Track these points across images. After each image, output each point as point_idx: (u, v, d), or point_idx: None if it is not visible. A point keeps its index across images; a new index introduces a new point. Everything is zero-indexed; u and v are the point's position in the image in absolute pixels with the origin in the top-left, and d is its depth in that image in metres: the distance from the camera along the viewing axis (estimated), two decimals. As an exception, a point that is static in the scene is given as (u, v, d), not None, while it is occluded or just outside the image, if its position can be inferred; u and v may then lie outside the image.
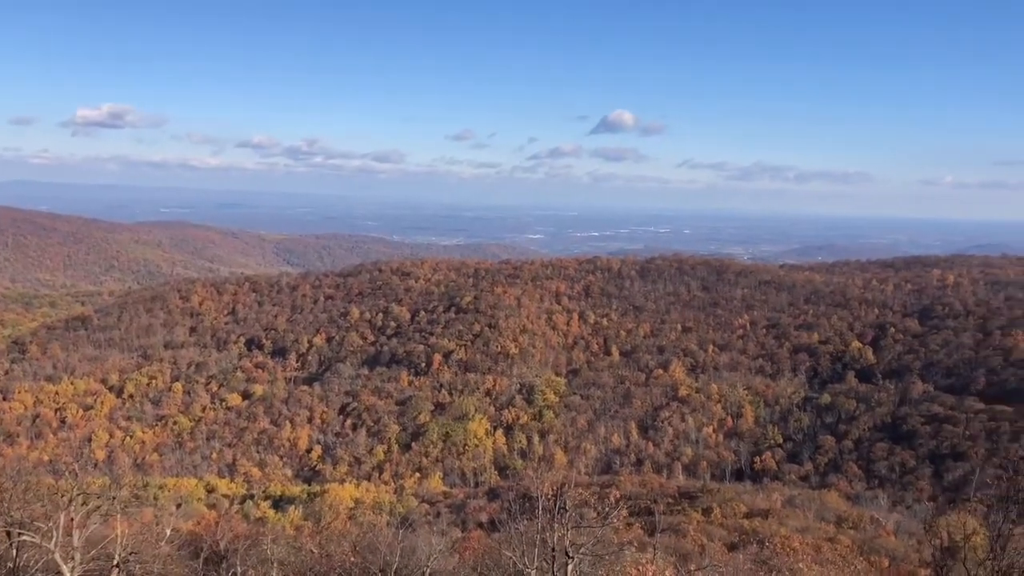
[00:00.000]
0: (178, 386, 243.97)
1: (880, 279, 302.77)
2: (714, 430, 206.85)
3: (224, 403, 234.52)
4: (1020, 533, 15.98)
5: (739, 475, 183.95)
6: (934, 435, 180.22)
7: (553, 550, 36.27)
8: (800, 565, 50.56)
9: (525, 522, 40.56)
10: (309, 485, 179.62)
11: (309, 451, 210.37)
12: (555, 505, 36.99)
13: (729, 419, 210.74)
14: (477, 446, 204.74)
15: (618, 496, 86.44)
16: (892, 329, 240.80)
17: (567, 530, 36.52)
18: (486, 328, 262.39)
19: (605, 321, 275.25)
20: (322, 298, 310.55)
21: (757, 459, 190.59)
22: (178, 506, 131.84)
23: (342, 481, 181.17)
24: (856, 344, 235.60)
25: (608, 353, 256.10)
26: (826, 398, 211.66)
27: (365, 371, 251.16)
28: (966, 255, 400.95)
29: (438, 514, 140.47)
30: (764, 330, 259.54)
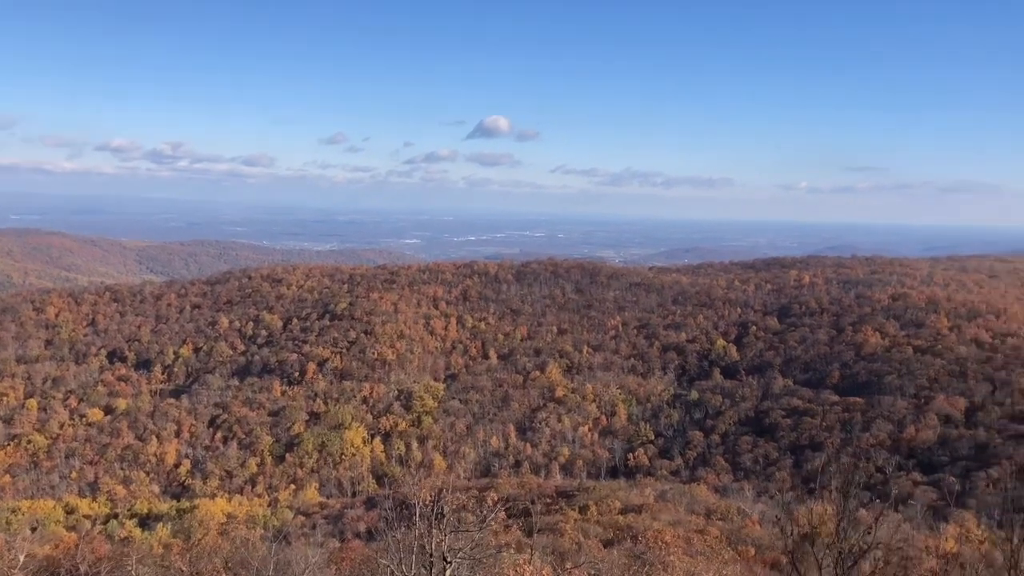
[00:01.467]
0: (32, 402, 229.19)
1: (742, 280, 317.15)
2: (590, 429, 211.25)
3: (84, 419, 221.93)
4: (865, 515, 17.17)
5: (614, 472, 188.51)
6: (794, 427, 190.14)
7: (431, 556, 36.25)
8: (672, 558, 52.39)
9: (403, 529, 40.33)
10: (178, 501, 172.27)
11: (177, 466, 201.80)
12: (433, 511, 36.94)
13: (604, 418, 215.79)
14: (354, 455, 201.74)
15: (496, 499, 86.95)
16: (754, 327, 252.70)
17: (445, 535, 36.55)
18: (362, 335, 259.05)
19: (483, 325, 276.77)
20: (188, 307, 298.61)
21: (631, 456, 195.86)
22: (33, 530, 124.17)
23: (213, 496, 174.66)
24: (721, 342, 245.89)
25: (486, 357, 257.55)
26: (694, 395, 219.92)
27: (235, 382, 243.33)
28: (820, 256, 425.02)
29: (314, 526, 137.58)
30: (635, 330, 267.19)
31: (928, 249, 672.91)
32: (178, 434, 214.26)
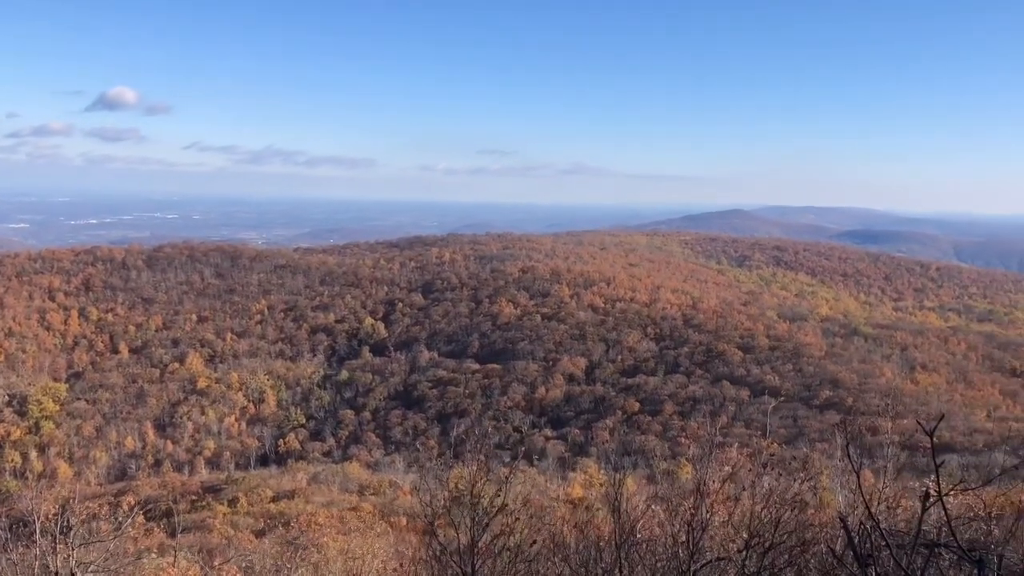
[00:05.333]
0: None
1: (387, 258, 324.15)
2: (237, 419, 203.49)
3: None
4: (502, 473, 18.43)
5: (264, 460, 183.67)
6: (440, 397, 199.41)
7: (57, 574, 32.61)
8: (325, 539, 52.31)
9: (21, 550, 35.77)
10: None
11: None
12: (58, 524, 33.16)
13: (251, 406, 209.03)
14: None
15: (132, 502, 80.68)
16: (400, 304, 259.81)
17: (73, 550, 33.07)
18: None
19: (110, 317, 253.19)
20: None
21: (281, 442, 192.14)
22: None
23: None
24: (370, 321, 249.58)
25: (116, 351, 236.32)
26: (344, 375, 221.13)
27: None
28: (459, 234, 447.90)
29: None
30: (282, 314, 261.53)
31: (551, 226, 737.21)
32: None
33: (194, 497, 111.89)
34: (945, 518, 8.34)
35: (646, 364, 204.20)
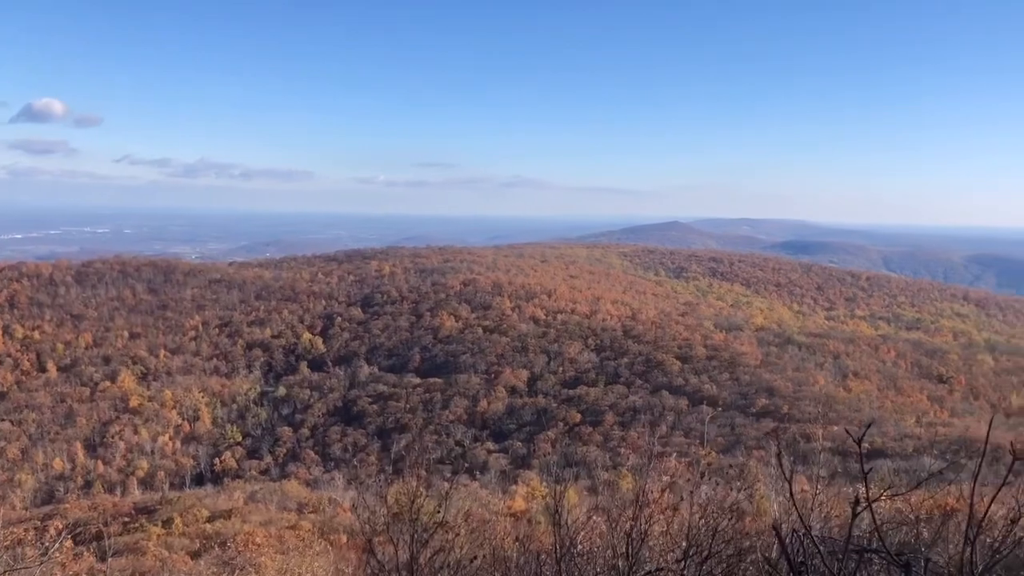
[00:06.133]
0: None
1: (325, 272, 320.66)
2: (171, 438, 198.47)
3: None
4: (444, 488, 18.31)
5: (200, 480, 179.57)
6: (381, 412, 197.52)
7: (-22, 605, 31.30)
8: (263, 559, 51.40)
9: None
10: None
11: None
12: (-21, 552, 31.87)
13: (186, 424, 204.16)
14: None
15: (60, 526, 78.04)
16: (339, 319, 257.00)
17: (-5, 578, 31.82)
18: None
19: (37, 334, 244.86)
20: None
21: (217, 461, 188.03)
22: None
23: None
24: (307, 335, 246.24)
25: (43, 370, 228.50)
26: (282, 391, 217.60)
27: None
28: (399, 247, 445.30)
29: None
30: (217, 329, 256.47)
31: (492, 238, 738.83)
32: None
33: (126, 519, 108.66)
34: (874, 524, 8.53)
35: (587, 375, 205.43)
